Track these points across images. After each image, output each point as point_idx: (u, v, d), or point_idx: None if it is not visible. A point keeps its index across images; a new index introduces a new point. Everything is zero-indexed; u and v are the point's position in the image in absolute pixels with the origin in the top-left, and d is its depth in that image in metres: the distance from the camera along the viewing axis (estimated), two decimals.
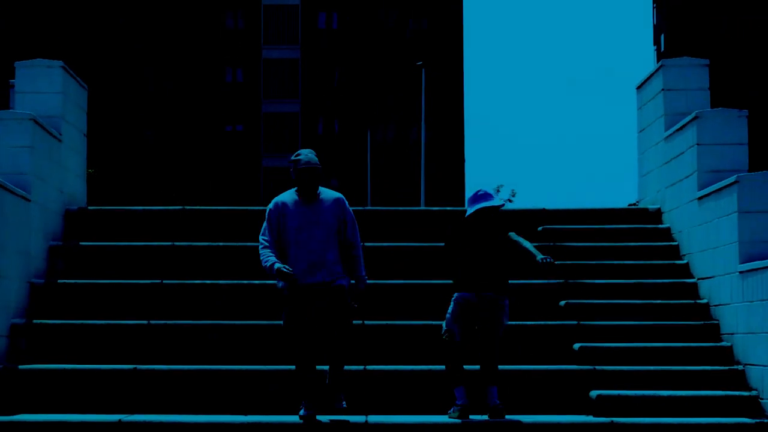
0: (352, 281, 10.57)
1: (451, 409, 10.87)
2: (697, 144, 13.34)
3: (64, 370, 11.64)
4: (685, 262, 13.75)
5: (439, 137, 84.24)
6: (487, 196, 11.05)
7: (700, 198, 13.25)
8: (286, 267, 10.17)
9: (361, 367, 11.64)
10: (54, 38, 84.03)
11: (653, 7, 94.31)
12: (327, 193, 10.49)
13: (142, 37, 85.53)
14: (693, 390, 11.58)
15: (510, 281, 11.25)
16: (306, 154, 10.42)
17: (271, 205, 10.43)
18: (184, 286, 13.07)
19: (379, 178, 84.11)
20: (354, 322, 11.84)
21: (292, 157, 10.55)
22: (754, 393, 11.41)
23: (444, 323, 10.94)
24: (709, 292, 12.94)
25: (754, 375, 11.57)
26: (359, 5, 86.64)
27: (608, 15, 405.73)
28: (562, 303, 12.87)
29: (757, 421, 10.96)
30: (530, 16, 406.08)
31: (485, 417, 10.81)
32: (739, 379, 11.74)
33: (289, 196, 10.45)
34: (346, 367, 10.84)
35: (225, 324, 12.38)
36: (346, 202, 10.53)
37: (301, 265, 10.30)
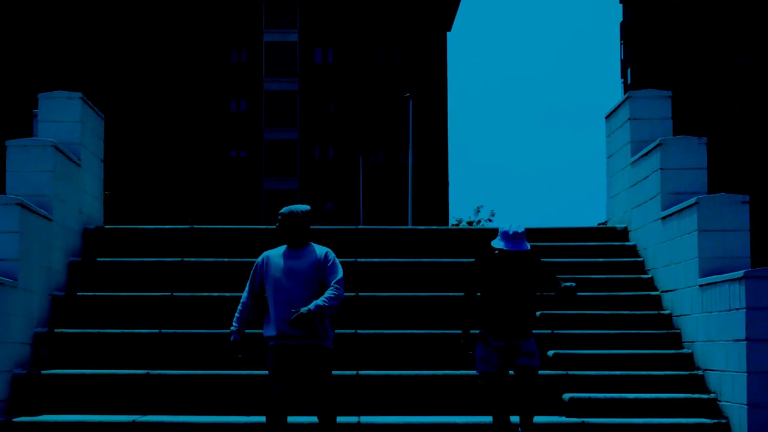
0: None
1: None
2: (661, 168, 13.38)
3: (83, 375, 11.64)
4: (649, 276, 13.77)
5: (425, 162, 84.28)
6: (511, 238, 9.53)
7: (663, 218, 13.29)
8: (237, 345, 9.22)
9: (354, 372, 11.64)
10: (74, 73, 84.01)
11: (621, 44, 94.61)
12: (315, 247, 9.20)
13: (155, 72, 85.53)
14: (657, 393, 11.60)
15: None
16: (286, 208, 9.27)
17: (258, 259, 9.37)
18: (193, 298, 13.08)
19: (371, 199, 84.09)
20: (348, 331, 11.82)
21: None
22: (712, 396, 11.43)
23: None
24: (671, 303, 12.97)
25: (712, 379, 11.59)
26: (352, 42, 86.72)
27: (580, 51, 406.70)
28: (538, 314, 12.89)
29: (715, 421, 10.99)
30: (508, 52, 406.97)
31: None
32: (699, 383, 11.76)
33: (276, 250, 9.35)
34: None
35: (229, 332, 12.36)
36: (331, 253, 9.17)
37: (279, 316, 9.07)
